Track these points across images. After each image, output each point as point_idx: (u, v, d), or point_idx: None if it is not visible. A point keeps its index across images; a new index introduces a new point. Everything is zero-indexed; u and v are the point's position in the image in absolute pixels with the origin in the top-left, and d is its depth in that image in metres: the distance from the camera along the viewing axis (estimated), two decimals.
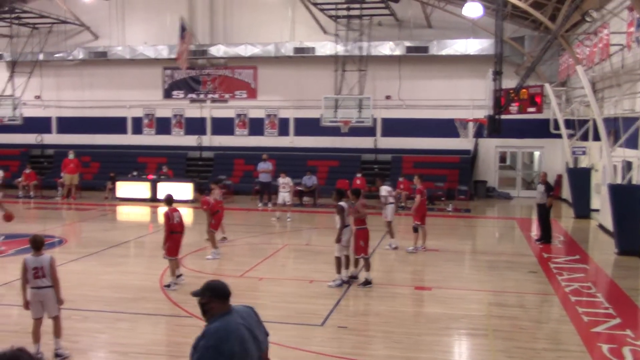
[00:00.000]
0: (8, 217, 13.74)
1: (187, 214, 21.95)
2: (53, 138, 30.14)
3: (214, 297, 4.19)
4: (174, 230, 11.34)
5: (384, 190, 15.49)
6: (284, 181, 20.04)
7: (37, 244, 7.93)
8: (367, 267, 11.69)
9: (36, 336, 7.84)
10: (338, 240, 11.45)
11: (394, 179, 24.71)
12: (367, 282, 11.49)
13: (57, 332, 7.87)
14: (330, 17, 25.01)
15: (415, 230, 14.76)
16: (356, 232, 11.71)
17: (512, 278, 12.43)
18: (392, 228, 15.24)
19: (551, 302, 10.77)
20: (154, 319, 9.46)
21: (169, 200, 11.64)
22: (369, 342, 8.57)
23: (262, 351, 4.35)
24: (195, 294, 4.24)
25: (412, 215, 14.98)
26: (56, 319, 7.92)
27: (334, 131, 24.57)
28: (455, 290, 11.46)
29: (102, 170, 27.74)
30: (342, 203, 11.56)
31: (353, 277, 11.80)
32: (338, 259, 11.51)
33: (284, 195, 19.93)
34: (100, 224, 19.13)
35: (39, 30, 28.21)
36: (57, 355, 7.71)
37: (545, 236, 15.99)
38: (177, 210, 11.55)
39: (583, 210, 20.11)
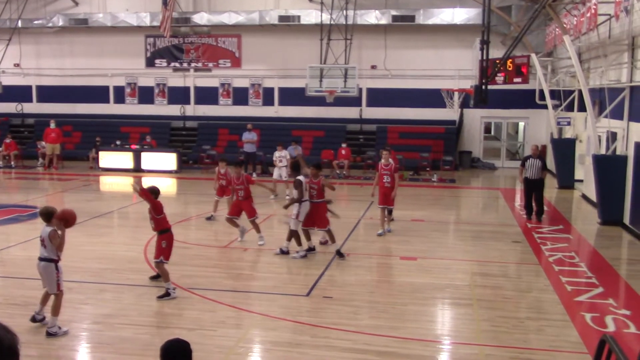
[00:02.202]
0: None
1: (171, 185, 21.81)
2: (33, 107, 29.62)
3: None
4: (167, 228, 9.44)
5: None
6: (281, 154, 18.56)
7: (42, 216, 7.78)
8: (333, 238, 11.72)
9: (43, 300, 7.88)
10: (297, 216, 11.38)
11: (379, 149, 24.70)
12: (341, 254, 11.46)
13: (52, 309, 7.65)
14: None
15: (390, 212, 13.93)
16: (322, 205, 11.64)
17: (496, 248, 12.50)
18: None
19: (535, 272, 10.84)
20: (138, 289, 9.40)
21: (154, 191, 9.50)
22: (355, 312, 8.58)
23: None
24: None
25: (393, 198, 13.58)
26: (56, 297, 7.69)
27: (319, 101, 24.37)
28: (440, 260, 11.50)
29: (84, 139, 27.38)
30: (300, 177, 11.50)
31: (312, 250, 11.74)
32: (296, 232, 11.44)
33: (281, 170, 18.27)
34: (83, 194, 18.92)
35: None
36: (48, 333, 7.57)
37: (540, 211, 15.25)
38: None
39: (567, 180, 20.23)
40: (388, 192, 13.43)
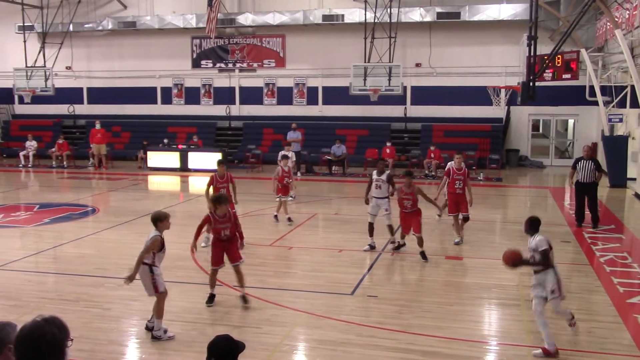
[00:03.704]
0: None
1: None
2: (84, 108, 30.46)
3: None
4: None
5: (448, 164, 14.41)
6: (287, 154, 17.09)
7: (152, 220, 7.70)
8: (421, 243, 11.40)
9: (158, 312, 7.61)
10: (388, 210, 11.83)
11: (424, 148, 24.51)
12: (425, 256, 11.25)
13: (155, 312, 7.61)
14: None
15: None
16: (416, 212, 11.44)
17: None
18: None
19: (585, 272, 10.58)
20: (185, 286, 9.55)
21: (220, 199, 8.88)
22: (399, 312, 8.53)
23: None
24: None
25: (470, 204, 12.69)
26: (157, 299, 7.63)
27: (363, 100, 24.33)
28: (487, 260, 11.33)
29: (133, 140, 28.01)
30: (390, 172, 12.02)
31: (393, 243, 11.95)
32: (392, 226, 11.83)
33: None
34: (132, 194, 19.36)
35: (69, 0, 28.30)
36: (153, 336, 7.59)
37: (595, 218, 13.93)
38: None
39: (619, 179, 19.65)
40: (459, 198, 12.54)
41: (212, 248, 8.88)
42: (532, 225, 7.61)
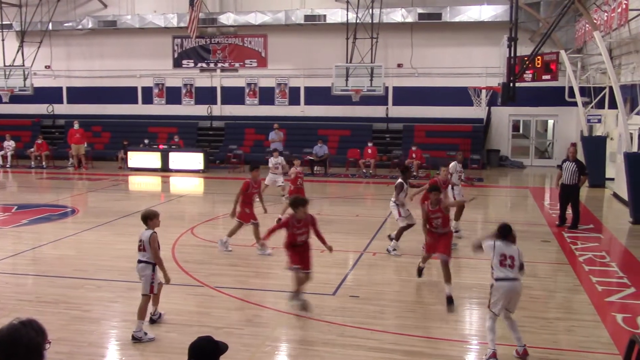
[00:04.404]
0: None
1: (198, 184, 22.02)
2: (64, 108, 30.12)
3: None
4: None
5: (452, 168, 13.47)
6: (277, 161, 17.16)
7: (142, 218, 7.84)
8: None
9: (141, 313, 7.55)
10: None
11: (406, 148, 24.61)
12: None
13: (138, 312, 7.55)
14: None
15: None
16: (449, 234, 9.88)
17: (524, 247, 12.12)
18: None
19: (564, 272, 10.69)
20: (166, 288, 9.46)
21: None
22: (381, 312, 8.55)
23: None
24: None
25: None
26: (143, 300, 7.60)
27: (345, 100, 24.34)
28: (467, 260, 11.40)
29: (113, 140, 27.76)
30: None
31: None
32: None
33: (277, 177, 16.99)
34: (112, 194, 19.19)
35: None
36: (133, 337, 7.47)
37: (575, 221, 13.95)
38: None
39: (597, 178, 19.87)
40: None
41: (288, 251, 8.72)
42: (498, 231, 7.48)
